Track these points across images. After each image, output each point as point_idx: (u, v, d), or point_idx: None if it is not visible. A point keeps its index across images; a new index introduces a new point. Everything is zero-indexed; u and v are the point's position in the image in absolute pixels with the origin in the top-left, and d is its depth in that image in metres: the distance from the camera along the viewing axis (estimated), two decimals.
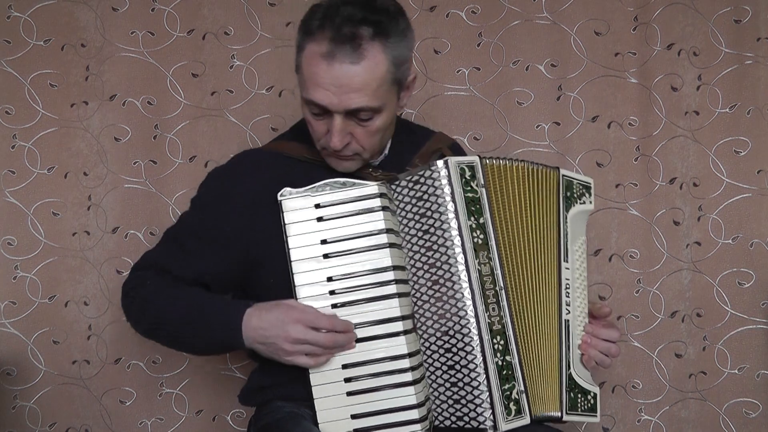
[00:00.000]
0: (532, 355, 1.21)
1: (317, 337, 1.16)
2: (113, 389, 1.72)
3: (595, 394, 1.26)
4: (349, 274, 1.19)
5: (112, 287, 1.71)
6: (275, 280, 1.25)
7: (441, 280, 1.18)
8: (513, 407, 1.16)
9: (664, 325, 1.74)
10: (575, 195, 1.31)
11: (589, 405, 1.25)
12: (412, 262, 1.21)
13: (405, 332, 1.18)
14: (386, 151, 1.36)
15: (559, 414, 1.22)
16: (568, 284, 1.26)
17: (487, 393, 1.15)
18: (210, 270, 1.28)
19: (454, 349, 1.17)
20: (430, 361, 1.20)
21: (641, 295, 1.75)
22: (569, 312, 1.25)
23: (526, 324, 1.21)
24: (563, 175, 1.30)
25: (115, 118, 1.73)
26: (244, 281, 1.32)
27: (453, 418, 1.18)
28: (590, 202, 1.33)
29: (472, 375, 1.16)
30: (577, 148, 1.75)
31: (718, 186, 1.74)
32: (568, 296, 1.26)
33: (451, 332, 1.17)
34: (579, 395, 1.24)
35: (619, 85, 1.75)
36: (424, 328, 1.20)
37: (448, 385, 1.18)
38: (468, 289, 1.16)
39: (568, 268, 1.27)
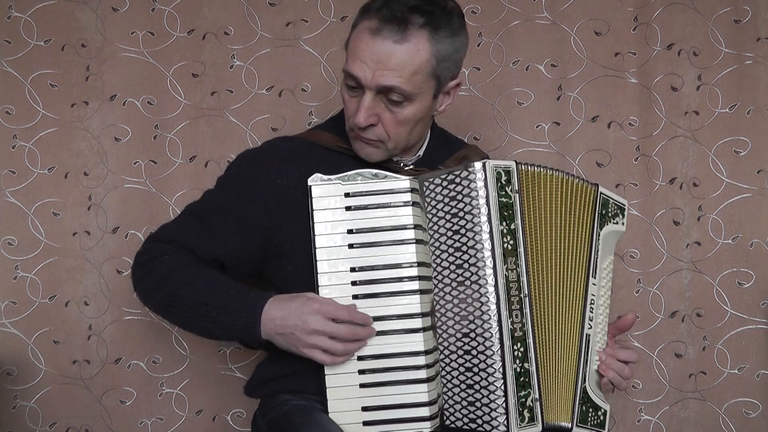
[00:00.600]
0: (549, 364, 1.21)
1: (336, 329, 1.16)
2: (113, 389, 1.72)
3: (606, 411, 1.27)
4: (372, 266, 1.19)
5: (112, 287, 1.72)
6: (295, 268, 1.25)
7: (467, 282, 1.18)
8: (527, 414, 1.16)
9: (664, 325, 1.74)
10: (610, 214, 1.32)
11: (599, 421, 1.26)
12: (438, 260, 1.21)
13: (423, 329, 1.18)
14: (420, 153, 1.36)
15: (570, 425, 1.22)
16: (593, 300, 1.27)
17: (503, 398, 1.15)
18: (231, 251, 1.27)
19: (474, 352, 1.17)
20: (447, 361, 1.20)
21: (641, 295, 1.75)
22: (591, 327, 1.26)
23: (546, 333, 1.21)
24: (601, 193, 1.30)
25: (115, 118, 1.73)
26: (262, 266, 1.31)
27: (466, 420, 1.18)
28: (623, 224, 1.34)
29: (490, 379, 1.16)
30: (577, 148, 1.75)
31: (718, 186, 1.74)
32: (591, 312, 1.26)
33: (473, 335, 1.17)
34: (590, 409, 1.25)
35: (619, 85, 1.75)
36: (444, 327, 1.20)
37: (464, 386, 1.18)
38: (494, 294, 1.16)
39: (595, 284, 1.27)
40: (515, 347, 1.16)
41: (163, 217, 1.71)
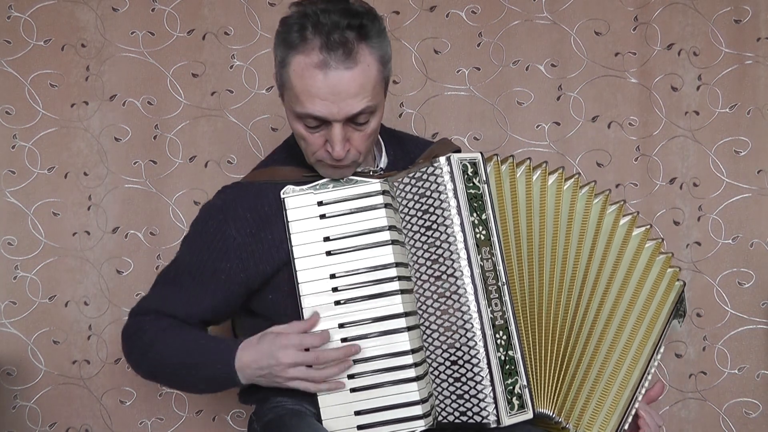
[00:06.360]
0: (537, 350, 1.22)
1: (308, 357, 1.16)
2: (113, 389, 1.72)
3: None
4: (351, 271, 1.19)
5: (112, 287, 1.72)
6: (275, 295, 1.25)
7: (443, 276, 1.19)
8: (516, 402, 1.17)
9: None
10: (680, 311, 1.39)
11: None
12: (414, 258, 1.22)
13: (408, 329, 1.18)
14: (382, 165, 1.35)
15: (556, 416, 1.23)
16: (650, 371, 1.31)
17: (490, 388, 1.15)
18: (210, 307, 1.27)
19: (457, 345, 1.18)
20: (433, 357, 1.20)
21: None
22: (643, 386, 1.30)
23: (531, 320, 1.22)
24: (683, 290, 1.38)
25: (115, 118, 1.73)
26: (245, 304, 1.32)
27: (456, 414, 1.19)
28: (680, 325, 1.41)
29: (475, 370, 1.16)
30: (577, 148, 1.75)
31: (718, 186, 1.74)
32: (648, 376, 1.30)
33: (454, 327, 1.18)
34: None
35: (619, 85, 1.75)
36: (426, 324, 1.21)
37: (451, 380, 1.19)
38: (470, 285, 1.17)
39: (655, 360, 1.32)
40: (497, 336, 1.17)
41: (162, 217, 1.72)
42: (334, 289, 1.19)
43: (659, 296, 1.34)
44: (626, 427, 1.29)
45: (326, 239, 1.20)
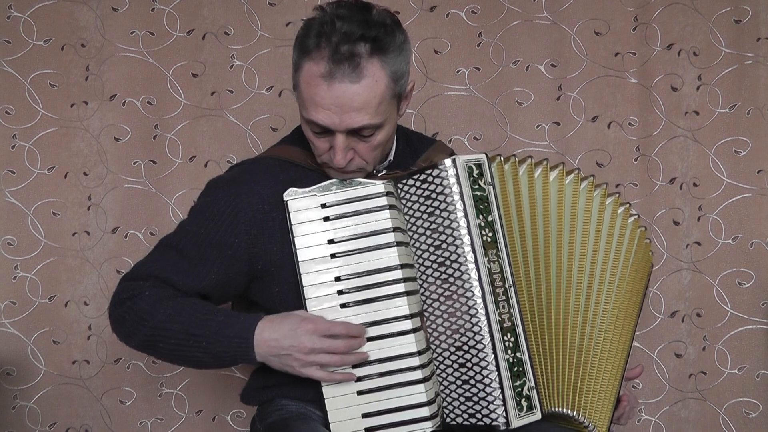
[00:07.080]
0: (546, 351, 1.22)
1: (333, 344, 1.15)
2: (113, 389, 1.72)
3: None
4: (356, 273, 1.19)
5: (112, 287, 1.70)
6: (281, 288, 1.24)
7: (451, 279, 1.19)
8: (524, 403, 1.17)
9: (664, 325, 1.74)
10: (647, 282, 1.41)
11: None
12: (420, 260, 1.21)
13: (414, 330, 1.18)
14: (391, 158, 1.35)
15: (572, 413, 1.23)
16: (630, 351, 1.32)
17: (500, 390, 1.16)
18: (213, 282, 1.23)
19: (465, 347, 1.18)
20: (441, 359, 1.20)
21: None
22: (627, 368, 1.31)
23: (539, 320, 1.22)
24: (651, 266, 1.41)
25: (115, 118, 1.73)
26: (246, 291, 1.29)
27: (465, 416, 1.19)
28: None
29: (484, 372, 1.16)
30: (577, 148, 1.75)
31: (718, 186, 1.74)
32: (629, 356, 1.31)
33: (462, 330, 1.18)
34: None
35: (619, 85, 1.75)
36: (434, 326, 1.21)
37: (459, 382, 1.19)
38: (478, 287, 1.17)
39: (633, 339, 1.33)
40: (505, 338, 1.17)
41: (162, 217, 1.72)
42: (340, 292, 1.19)
43: (641, 280, 1.35)
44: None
45: (330, 242, 1.20)
